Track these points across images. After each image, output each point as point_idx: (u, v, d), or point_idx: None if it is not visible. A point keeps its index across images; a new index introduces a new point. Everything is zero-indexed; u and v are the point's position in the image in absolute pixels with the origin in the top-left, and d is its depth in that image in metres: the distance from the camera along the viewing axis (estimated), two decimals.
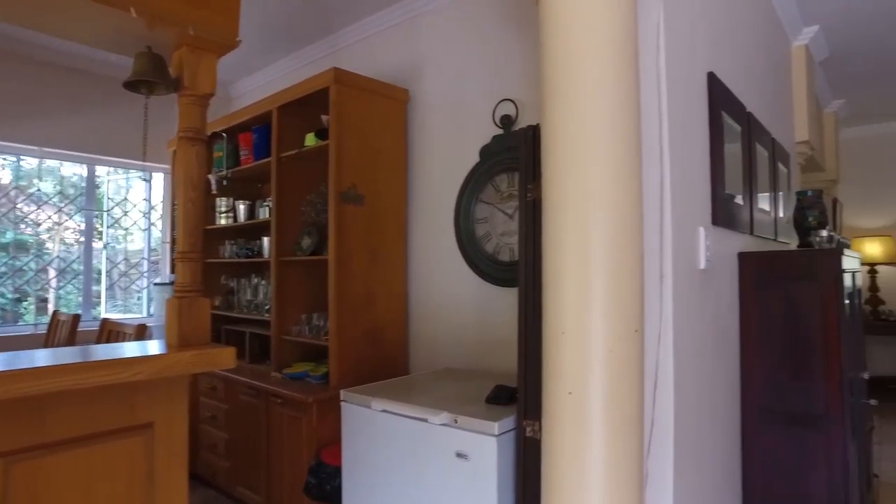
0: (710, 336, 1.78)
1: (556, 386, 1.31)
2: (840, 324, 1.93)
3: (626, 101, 1.32)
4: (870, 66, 4.32)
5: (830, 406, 1.95)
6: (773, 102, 2.92)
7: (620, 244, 1.27)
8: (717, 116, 1.85)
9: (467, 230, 2.71)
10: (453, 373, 2.46)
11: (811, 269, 1.95)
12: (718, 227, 1.84)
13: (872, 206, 6.10)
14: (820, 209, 2.22)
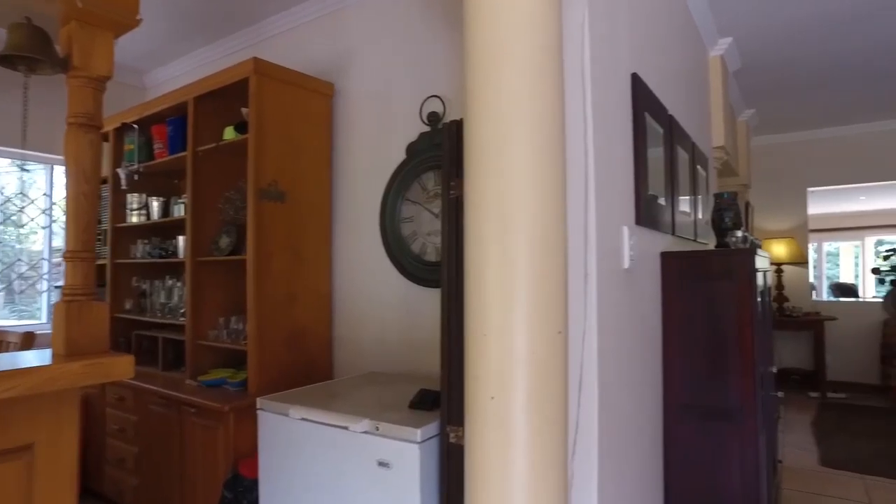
0: (634, 335, 1.79)
1: (479, 390, 1.26)
2: (754, 321, 2.00)
3: (550, 99, 1.29)
4: (777, 78, 4.58)
5: (745, 400, 2.02)
6: (692, 108, 3.02)
7: (544, 243, 1.24)
8: (640, 117, 1.87)
9: (393, 229, 2.63)
10: (378, 377, 2.38)
11: (728, 269, 2.01)
12: (642, 226, 1.86)
13: (778, 210, 6.49)
14: (735, 211, 2.30)
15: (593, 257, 1.45)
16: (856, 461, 3.92)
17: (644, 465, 1.89)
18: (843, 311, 6.23)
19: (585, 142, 1.48)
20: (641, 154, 1.85)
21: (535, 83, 1.27)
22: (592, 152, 1.48)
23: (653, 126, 2.04)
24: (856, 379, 6.06)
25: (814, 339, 5.98)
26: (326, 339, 2.84)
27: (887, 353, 5.78)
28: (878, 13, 3.38)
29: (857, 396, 5.80)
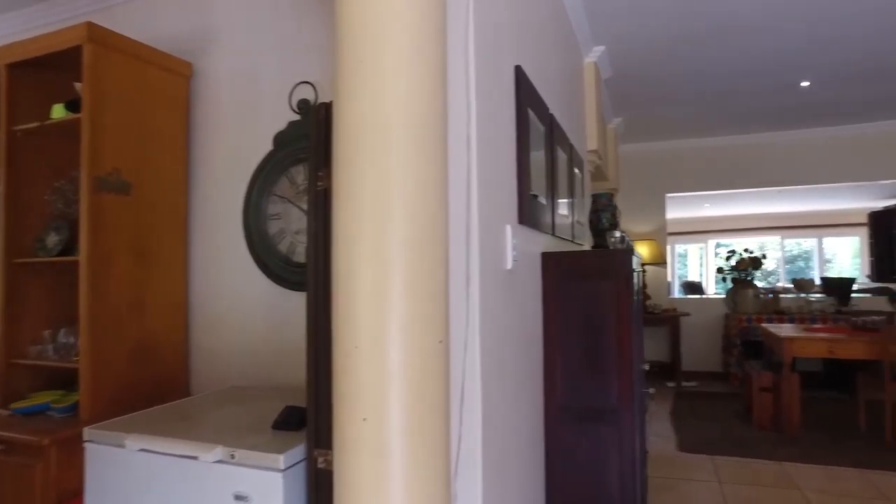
0: (517, 339, 1.72)
1: (349, 410, 1.10)
2: (632, 320, 2.01)
3: (431, 83, 1.16)
4: (643, 89, 4.86)
5: (623, 399, 2.03)
6: (569, 110, 3.06)
7: (424, 242, 1.10)
8: (524, 113, 1.80)
9: (258, 227, 2.38)
10: (241, 392, 2.12)
11: (607, 269, 2.01)
12: (524, 226, 1.79)
13: (641, 213, 6.95)
14: (612, 212, 2.33)
15: (476, 258, 1.34)
16: (706, 444, 4.24)
17: (527, 473, 1.82)
18: (694, 306, 6.80)
19: (469, 133, 1.37)
20: (525, 150, 1.78)
21: (416, 64, 1.13)
22: (476, 145, 1.37)
23: (535, 123, 1.99)
24: (704, 368, 6.64)
25: (670, 333, 6.46)
26: (182, 351, 2.51)
27: (727, 344, 6.39)
28: (734, 36, 3.67)
29: (705, 384, 6.35)
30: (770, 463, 3.84)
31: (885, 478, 3.57)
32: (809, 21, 3.53)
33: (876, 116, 5.97)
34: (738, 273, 6.55)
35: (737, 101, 5.23)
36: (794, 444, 4.19)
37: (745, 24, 3.59)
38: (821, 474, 3.64)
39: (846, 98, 5.21)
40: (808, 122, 6.06)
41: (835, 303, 6.18)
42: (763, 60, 4.21)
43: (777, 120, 5.98)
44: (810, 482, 3.51)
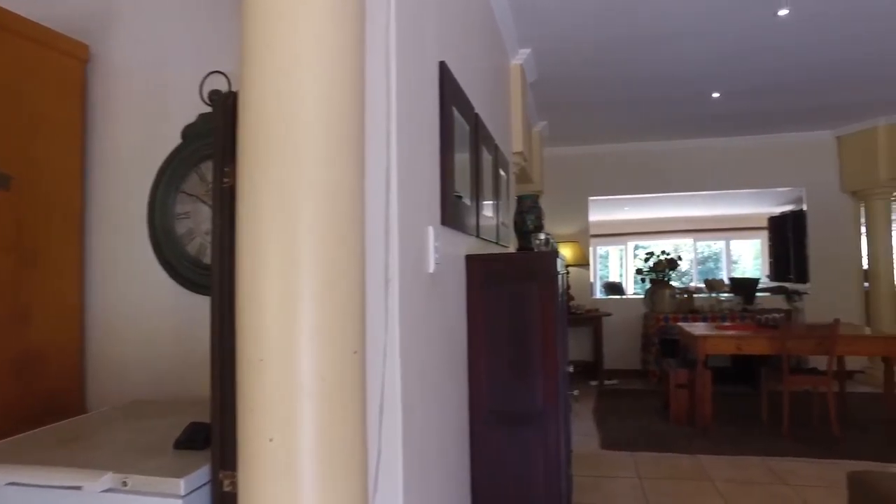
0: (440, 344, 1.66)
1: (254, 429, 1.00)
2: (557, 323, 2.00)
3: (348, 71, 1.08)
4: (566, 94, 4.95)
5: (547, 402, 2.01)
6: (495, 111, 3.04)
7: (338, 244, 1.02)
8: (448, 110, 1.75)
9: (165, 227, 2.19)
10: (143, 407, 1.94)
11: (532, 271, 1.99)
12: (447, 227, 1.73)
13: (565, 216, 7.11)
14: (537, 213, 2.32)
15: (395, 261, 1.27)
16: (627, 441, 4.36)
17: (451, 481, 1.77)
18: (615, 307, 7.03)
19: (388, 128, 1.29)
20: (448, 149, 1.73)
21: (329, 51, 1.05)
22: (396, 141, 1.30)
23: (460, 122, 1.94)
24: (625, 366, 6.87)
25: (593, 333, 6.64)
26: (76, 363, 2.27)
27: (646, 342, 6.65)
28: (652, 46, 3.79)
29: (626, 381, 6.57)
30: (686, 457, 3.99)
31: (782, 464, 3.80)
32: (719, 35, 3.70)
33: (778, 129, 6.39)
34: (655, 274, 6.82)
35: (655, 108, 5.43)
36: (706, 437, 4.39)
37: (663, 35, 3.72)
38: (729, 464, 3.82)
39: (752, 110, 5.54)
40: (719, 131, 6.40)
41: (741, 301, 6.55)
42: (679, 71, 4.39)
43: (691, 128, 6.28)
44: (720, 473, 3.68)
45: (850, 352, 4.61)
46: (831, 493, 3.32)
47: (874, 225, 6.24)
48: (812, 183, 6.69)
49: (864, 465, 3.76)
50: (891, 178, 6.04)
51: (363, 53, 1.14)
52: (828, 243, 6.65)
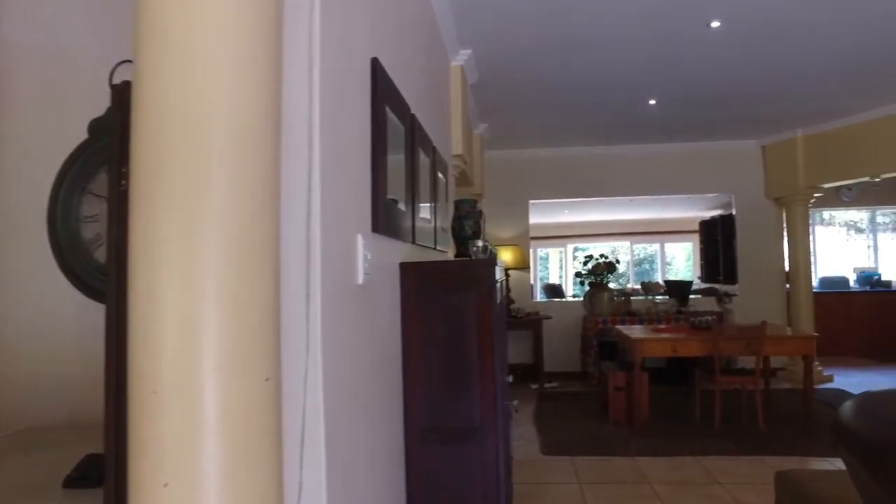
0: (370, 361, 1.55)
1: (147, 472, 0.86)
2: (494, 334, 1.93)
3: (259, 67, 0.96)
4: (507, 97, 4.93)
5: (485, 416, 1.93)
6: (434, 113, 2.95)
7: (247, 258, 0.89)
8: (380, 109, 1.64)
9: (68, 231, 1.98)
10: (36, 436, 1.73)
11: (469, 280, 1.91)
12: (380, 234, 1.63)
13: (506, 219, 7.11)
14: (475, 219, 2.25)
15: (317, 273, 1.15)
16: (567, 445, 4.37)
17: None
18: (555, 309, 7.09)
19: (311, 127, 1.18)
20: (381, 151, 1.62)
21: (239, 38, 0.93)
22: (320, 142, 1.18)
23: (394, 122, 1.84)
24: (565, 369, 6.94)
25: (533, 336, 6.66)
26: None
27: (585, 345, 6.73)
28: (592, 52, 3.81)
29: (566, 384, 6.62)
30: (624, 459, 4.03)
31: (713, 462, 3.89)
32: (654, 43, 3.75)
33: (709, 137, 6.61)
34: (594, 277, 6.93)
35: (594, 113, 5.50)
36: (644, 438, 4.45)
37: (599, 41, 3.74)
38: (666, 465, 3.88)
39: (686, 118, 5.70)
40: (656, 137, 6.57)
41: (676, 304, 6.74)
42: (616, 77, 4.45)
43: (630, 134, 6.41)
44: (658, 474, 3.73)
45: (775, 352, 4.80)
46: (759, 491, 3.42)
47: (794, 230, 6.56)
48: (740, 189, 6.97)
49: (786, 460, 3.90)
50: (808, 186, 6.36)
51: (280, 43, 1.02)
52: (754, 247, 6.94)
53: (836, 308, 7.52)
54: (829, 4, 3.26)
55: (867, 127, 5.67)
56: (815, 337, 4.70)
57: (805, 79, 4.61)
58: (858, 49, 4.00)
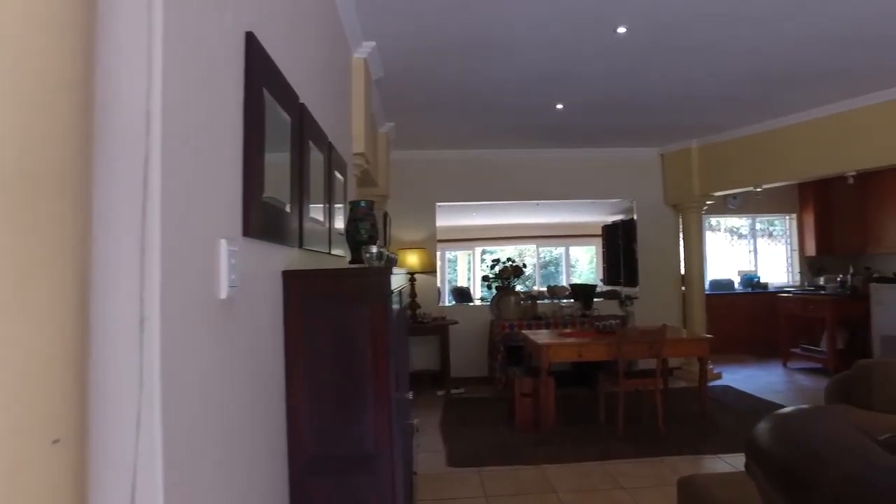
0: (242, 387, 1.31)
1: None
2: (390, 348, 1.73)
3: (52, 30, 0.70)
4: (414, 95, 4.76)
5: (381, 441, 1.73)
6: (331, 106, 2.72)
7: (24, 277, 0.64)
8: (256, 92, 1.40)
9: None
10: None
11: (362, 290, 1.70)
12: (254, 238, 1.38)
13: (412, 221, 6.94)
14: (371, 222, 2.05)
15: (156, 290, 0.90)
16: (474, 455, 4.25)
17: None
18: (463, 313, 7.00)
19: (148, 110, 0.93)
20: (256, 142, 1.38)
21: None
22: (162, 125, 0.93)
23: (276, 111, 1.59)
24: (472, 374, 6.86)
25: (440, 342, 6.53)
26: None
27: (492, 349, 6.68)
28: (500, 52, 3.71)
29: (473, 389, 6.54)
30: (531, 468, 3.96)
31: (618, 467, 3.92)
32: (561, 47, 3.72)
33: (614, 143, 6.78)
34: (501, 281, 6.91)
35: (502, 116, 5.45)
36: (550, 444, 4.42)
37: (506, 39, 3.65)
38: (572, 472, 3.85)
39: (591, 124, 5.79)
40: (564, 142, 6.65)
41: (581, 307, 6.86)
42: (526, 80, 4.40)
43: (537, 138, 6.44)
44: (564, 483, 3.68)
45: (674, 353, 4.96)
46: (662, 494, 3.45)
47: (689, 235, 6.88)
48: (641, 195, 7.22)
49: (685, 459, 4.01)
50: (702, 194, 6.69)
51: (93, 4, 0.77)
52: (654, 251, 7.21)
53: (723, 308, 7.98)
54: (724, 25, 3.36)
55: (753, 140, 6.03)
56: (710, 339, 4.90)
57: (700, 91, 4.80)
58: (748, 68, 4.19)
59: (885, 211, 7.42)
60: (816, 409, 1.21)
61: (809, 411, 1.20)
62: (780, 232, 9.34)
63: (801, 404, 4.10)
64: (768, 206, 8.68)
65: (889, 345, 5.81)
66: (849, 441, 1.08)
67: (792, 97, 5.05)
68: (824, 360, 6.79)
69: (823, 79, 4.54)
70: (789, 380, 6.65)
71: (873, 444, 1.10)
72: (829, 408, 1.15)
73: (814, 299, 7.00)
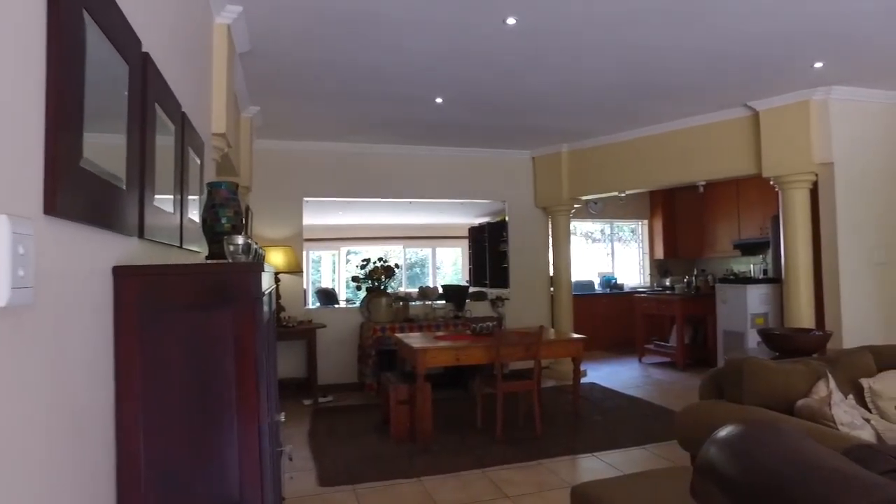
0: (36, 441, 0.89)
1: None
2: (259, 365, 1.36)
3: None
4: (281, 77, 4.29)
5: (248, 485, 1.36)
6: (186, 72, 2.24)
7: None
8: (69, 16, 0.98)
9: None
10: None
11: (223, 291, 1.32)
12: (66, 220, 0.97)
13: (277, 217, 6.39)
14: (235, 209, 1.66)
15: None
16: (347, 471, 3.90)
17: None
18: (331, 316, 6.58)
19: None
20: (67, 82, 0.96)
21: None
22: None
23: (105, 47, 1.17)
24: (341, 380, 6.46)
25: (307, 347, 6.06)
26: None
27: (363, 354, 6.34)
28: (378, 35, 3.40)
29: (342, 397, 6.14)
30: (410, 482, 3.70)
31: (500, 473, 3.79)
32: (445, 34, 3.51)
33: (489, 144, 6.76)
34: (372, 282, 6.59)
35: (378, 107, 5.14)
36: (429, 454, 4.19)
37: (390, 23, 3.37)
38: (452, 484, 3.65)
39: (469, 122, 5.67)
40: (438, 140, 6.49)
41: (453, 309, 6.75)
42: (405, 67, 4.14)
43: (413, 134, 6.21)
44: (445, 496, 3.47)
45: (550, 355, 4.98)
46: (545, 499, 3.37)
47: (557, 238, 7.07)
48: (513, 197, 7.28)
49: (563, 461, 3.99)
50: (570, 197, 6.90)
51: None
52: (525, 253, 7.31)
53: (585, 308, 8.34)
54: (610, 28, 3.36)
55: (619, 147, 6.32)
56: (584, 339, 4.98)
57: (576, 96, 4.87)
58: (621, 78, 4.30)
59: (717, 220, 8.22)
60: (771, 427, 1.07)
61: (765, 430, 1.06)
62: (629, 237, 10.02)
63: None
64: (625, 212, 9.27)
65: (731, 339, 6.38)
66: (823, 461, 0.94)
67: (656, 109, 5.32)
68: (673, 354, 7.33)
69: (686, 92, 4.82)
70: (645, 374, 7.07)
71: (843, 459, 0.97)
72: (784, 427, 0.99)
73: (665, 299, 7.53)
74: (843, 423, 2.47)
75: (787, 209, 4.94)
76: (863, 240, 4.81)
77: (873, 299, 4.83)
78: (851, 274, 4.76)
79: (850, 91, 4.77)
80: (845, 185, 4.77)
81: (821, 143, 4.77)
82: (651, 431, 4.60)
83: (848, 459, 0.99)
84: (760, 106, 5.03)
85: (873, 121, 4.91)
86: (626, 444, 4.35)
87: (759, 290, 6.29)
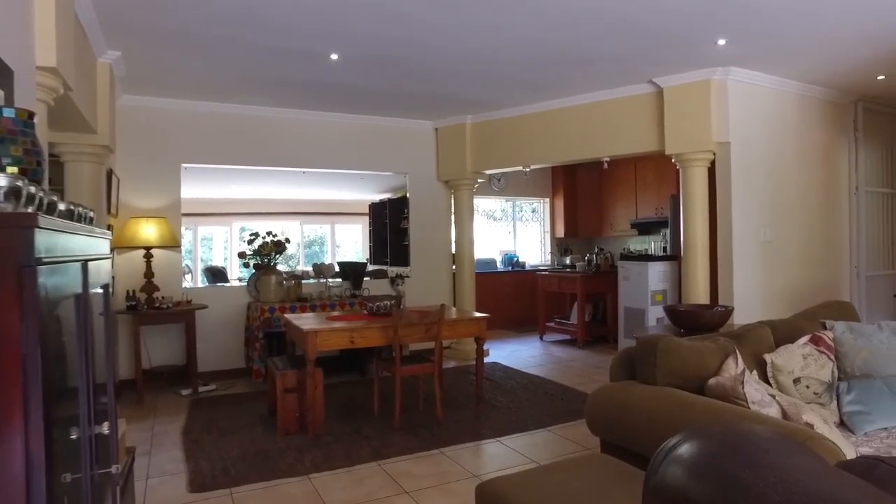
0: None
1: None
2: (28, 368, 0.92)
3: None
4: (149, 14, 3.61)
5: None
6: None
7: None
8: None
9: None
10: None
11: None
12: None
13: (150, 185, 5.62)
14: (27, 147, 1.17)
15: None
16: (224, 472, 3.42)
17: None
18: (214, 296, 5.94)
19: None
20: None
21: None
22: None
23: None
24: (225, 366, 5.87)
25: (185, 330, 5.41)
26: None
27: (250, 336, 5.78)
28: None
29: (226, 384, 5.57)
30: (298, 481, 3.29)
31: (398, 466, 3.48)
32: None
33: (390, 112, 6.32)
34: (260, 258, 6.01)
35: (267, 62, 4.55)
36: (319, 447, 3.79)
37: None
38: (346, 480, 3.30)
39: (368, 85, 5.21)
40: (334, 106, 5.97)
41: (350, 287, 6.33)
42: (296, 15, 3.62)
43: (307, 97, 5.65)
44: (338, 495, 3.11)
45: (452, 335, 4.72)
46: (445, 492, 3.11)
47: (460, 213, 6.81)
48: (414, 170, 6.92)
49: (465, 448, 3.76)
50: (474, 172, 6.66)
51: None
52: (426, 229, 6.99)
53: (487, 286, 8.21)
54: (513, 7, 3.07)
55: (524, 120, 6.12)
56: (487, 318, 4.75)
57: (481, 61, 4.57)
58: (527, 43, 4.04)
59: (616, 199, 8.36)
60: (748, 439, 0.81)
61: (743, 444, 0.80)
62: (531, 216, 10.02)
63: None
64: (527, 190, 9.21)
65: (631, 315, 6.46)
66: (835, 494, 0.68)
67: (564, 80, 5.15)
68: (573, 331, 7.37)
69: (595, 65, 4.67)
70: (546, 352, 7.05)
71: (837, 471, 0.73)
72: (762, 434, 0.70)
73: (567, 276, 7.53)
74: (754, 401, 2.39)
75: (687, 187, 4.98)
76: (752, 218, 4.96)
77: (759, 276, 5.01)
78: (742, 252, 4.89)
79: (747, 74, 4.86)
80: (739, 165, 4.87)
81: (719, 122, 4.82)
82: (554, 412, 4.49)
83: (856, 479, 0.75)
84: (665, 83, 5.01)
85: (764, 104, 5.05)
86: (530, 426, 4.19)
87: (660, 267, 6.40)
